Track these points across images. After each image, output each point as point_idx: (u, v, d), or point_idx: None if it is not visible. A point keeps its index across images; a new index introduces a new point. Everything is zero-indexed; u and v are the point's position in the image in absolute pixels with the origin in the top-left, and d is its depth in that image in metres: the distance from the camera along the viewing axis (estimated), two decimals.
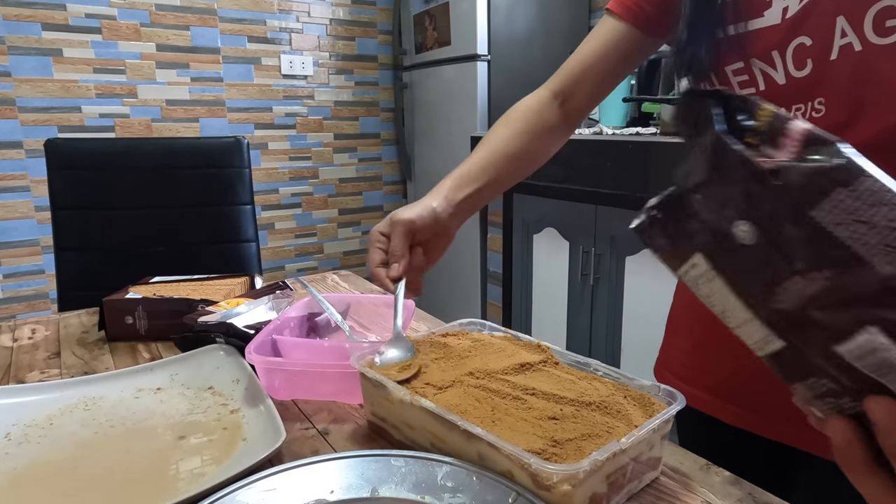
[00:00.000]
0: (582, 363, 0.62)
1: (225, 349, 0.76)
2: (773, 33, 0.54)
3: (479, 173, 0.71)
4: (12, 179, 2.30)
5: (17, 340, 0.90)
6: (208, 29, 2.56)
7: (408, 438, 0.56)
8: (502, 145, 0.73)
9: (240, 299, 0.89)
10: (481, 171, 0.71)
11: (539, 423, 0.50)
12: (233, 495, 0.46)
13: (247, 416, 0.63)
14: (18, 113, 2.27)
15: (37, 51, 2.27)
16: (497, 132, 0.75)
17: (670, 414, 0.50)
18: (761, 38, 0.55)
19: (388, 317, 0.88)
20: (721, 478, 0.53)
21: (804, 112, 0.54)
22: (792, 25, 0.52)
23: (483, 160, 0.72)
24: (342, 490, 0.48)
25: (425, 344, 0.66)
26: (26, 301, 2.39)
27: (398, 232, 0.64)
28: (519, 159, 0.74)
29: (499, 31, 2.31)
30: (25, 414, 0.64)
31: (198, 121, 2.60)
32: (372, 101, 3.02)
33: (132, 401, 0.68)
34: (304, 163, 2.90)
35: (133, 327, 0.89)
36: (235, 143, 1.47)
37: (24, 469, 0.55)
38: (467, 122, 2.40)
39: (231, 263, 1.46)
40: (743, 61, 0.57)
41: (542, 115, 0.74)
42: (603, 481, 0.46)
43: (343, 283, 1.18)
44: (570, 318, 1.94)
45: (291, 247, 2.94)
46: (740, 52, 0.57)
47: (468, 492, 0.47)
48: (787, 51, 0.53)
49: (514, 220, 2.12)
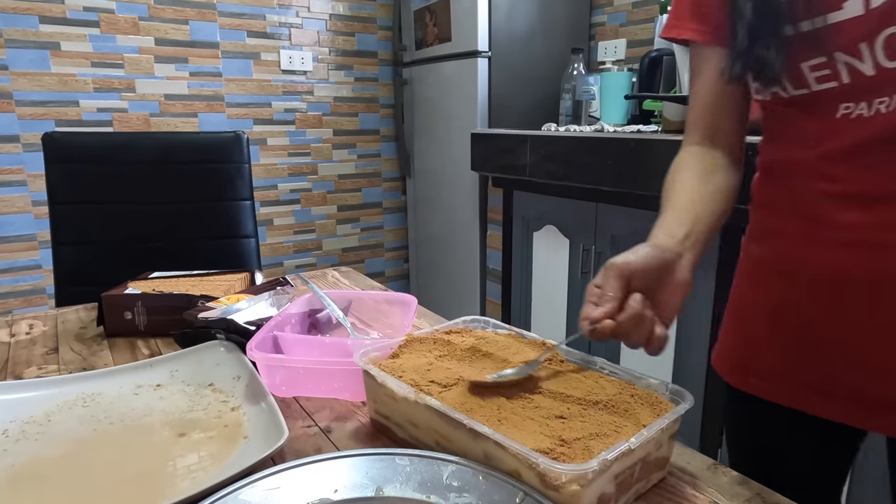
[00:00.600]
0: (588, 361, 0.62)
1: (225, 345, 0.75)
2: (858, 25, 0.53)
3: (685, 212, 0.63)
4: (9, 174, 2.28)
5: (15, 336, 0.89)
6: (207, 23, 2.54)
7: (412, 437, 0.56)
8: (688, 187, 0.66)
9: (240, 295, 0.88)
10: (686, 210, 0.63)
11: (546, 422, 0.50)
12: (235, 494, 0.45)
13: (248, 413, 0.62)
14: (15, 107, 2.25)
15: (34, 44, 2.25)
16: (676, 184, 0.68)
17: (679, 413, 0.50)
18: (845, 31, 0.53)
19: (390, 314, 0.87)
20: (729, 478, 0.52)
21: (888, 105, 0.53)
22: (882, 15, 0.51)
23: (680, 203, 0.65)
24: (346, 489, 0.47)
25: (428, 341, 0.66)
26: (23, 296, 2.38)
27: (611, 274, 0.54)
28: (711, 197, 0.66)
29: (500, 27, 2.30)
30: (23, 410, 0.64)
31: (196, 116, 2.59)
32: (371, 98, 3.01)
33: (131, 397, 0.67)
34: (303, 159, 2.88)
35: (132, 323, 0.88)
36: (235, 138, 1.46)
37: (22, 466, 0.54)
38: (467, 119, 2.39)
39: (230, 259, 1.45)
40: (825, 56, 0.55)
41: (703, 159, 0.69)
42: (611, 481, 0.45)
43: (344, 280, 1.18)
44: (570, 316, 1.94)
45: (290, 243, 2.93)
46: (820, 47, 0.55)
47: (475, 491, 0.46)
48: (877, 41, 0.52)
49: (514, 217, 2.11)
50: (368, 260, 3.18)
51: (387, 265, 3.24)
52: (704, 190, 0.66)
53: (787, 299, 0.66)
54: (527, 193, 2.03)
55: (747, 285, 0.73)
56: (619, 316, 0.52)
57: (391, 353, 0.63)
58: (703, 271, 1.47)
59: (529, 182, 1.98)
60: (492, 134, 2.11)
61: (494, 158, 2.10)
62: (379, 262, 3.21)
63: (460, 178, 2.48)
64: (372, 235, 3.16)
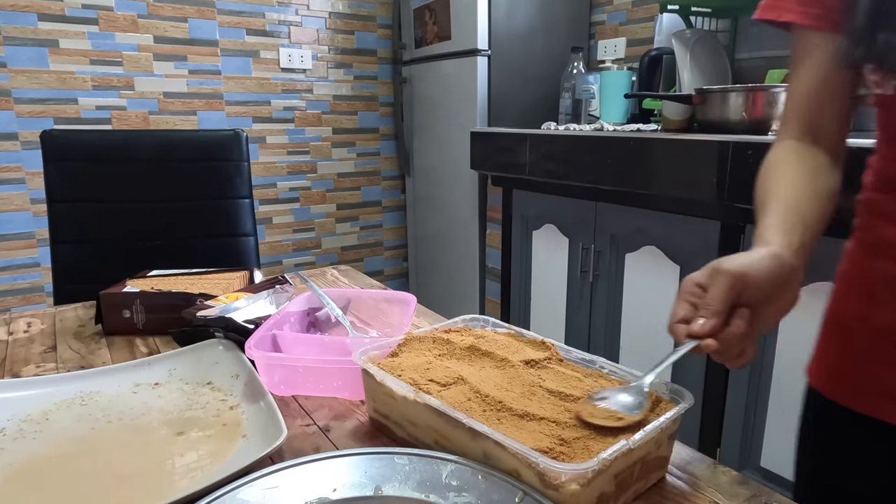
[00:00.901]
0: (587, 360, 0.62)
1: (224, 344, 0.75)
2: None
3: (795, 215, 0.55)
4: (7, 171, 2.28)
5: (13, 334, 0.89)
6: (206, 21, 2.54)
7: (411, 436, 0.55)
8: (795, 186, 0.58)
9: (239, 293, 0.88)
10: (796, 213, 0.56)
11: (545, 422, 0.49)
12: (234, 493, 0.45)
13: (246, 412, 0.62)
14: (14, 104, 2.25)
15: (33, 41, 2.24)
16: (780, 181, 0.60)
17: (679, 412, 0.49)
18: None
19: (389, 313, 0.87)
20: (728, 477, 0.52)
21: None
22: None
23: (789, 204, 0.57)
24: (345, 488, 0.47)
25: (427, 340, 0.65)
26: (21, 294, 2.37)
27: (720, 283, 0.48)
28: (818, 201, 0.58)
29: (499, 25, 2.30)
30: (21, 409, 0.63)
31: (195, 114, 2.58)
32: (371, 96, 3.01)
33: (129, 396, 0.67)
34: (303, 157, 2.88)
35: (130, 321, 0.87)
36: (234, 136, 1.46)
37: (19, 465, 0.54)
38: (467, 118, 2.39)
39: (229, 257, 1.45)
40: None
41: (804, 156, 0.61)
42: (611, 481, 0.45)
43: (343, 278, 1.17)
44: (569, 315, 1.94)
45: (289, 241, 2.92)
46: None
47: (474, 491, 0.46)
48: None
49: (514, 216, 2.11)
50: (367, 258, 3.17)
51: (386, 264, 3.24)
52: (811, 191, 0.58)
53: None
54: (526, 192, 2.03)
55: (857, 300, 0.64)
56: (723, 333, 0.47)
57: (390, 351, 0.63)
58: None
59: (529, 181, 1.98)
60: (491, 132, 2.11)
61: (494, 157, 2.10)
62: (378, 260, 3.21)
63: (460, 177, 2.48)
64: (371, 234, 3.16)
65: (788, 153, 0.62)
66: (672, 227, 1.53)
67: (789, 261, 0.50)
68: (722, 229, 1.42)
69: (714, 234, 1.43)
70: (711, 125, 1.54)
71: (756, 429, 1.41)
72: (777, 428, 1.37)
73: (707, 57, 1.84)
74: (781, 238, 0.52)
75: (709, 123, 1.56)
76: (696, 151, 1.40)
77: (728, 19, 2.00)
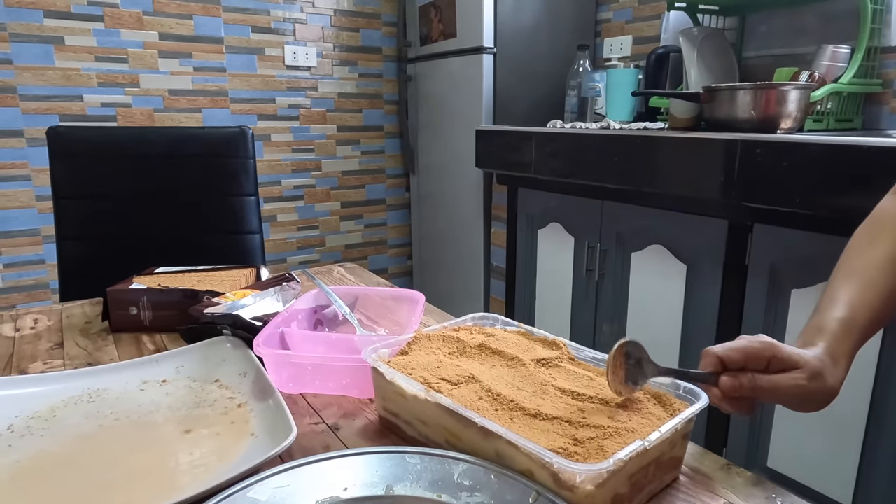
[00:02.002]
0: (598, 359, 0.61)
1: (231, 341, 0.74)
2: None
3: (866, 317, 0.54)
4: (13, 168, 2.28)
5: (20, 330, 0.89)
6: (211, 18, 2.54)
7: (421, 435, 0.55)
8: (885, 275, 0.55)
9: (246, 291, 0.88)
10: (871, 309, 0.54)
11: (558, 421, 0.49)
12: (244, 492, 0.44)
13: (254, 409, 0.62)
14: (19, 101, 2.25)
15: (38, 38, 2.24)
16: (873, 252, 0.57)
17: (694, 412, 0.49)
18: None
19: (397, 310, 0.87)
20: (743, 478, 0.51)
21: None
22: None
23: (868, 296, 0.54)
24: (356, 487, 0.47)
25: (437, 338, 0.65)
26: (27, 291, 2.38)
27: (759, 338, 0.50)
28: None
29: (505, 23, 2.29)
30: (28, 406, 0.63)
31: (200, 111, 2.58)
32: (376, 94, 3.00)
33: (137, 393, 0.67)
34: (307, 155, 2.87)
35: (137, 318, 0.87)
36: (240, 133, 1.45)
37: (27, 462, 0.53)
38: (472, 116, 2.38)
39: (235, 255, 1.44)
40: None
41: None
42: (626, 481, 0.44)
43: (349, 276, 1.17)
44: (575, 313, 1.93)
45: (293, 239, 2.92)
46: None
47: (487, 491, 0.45)
48: None
49: (519, 214, 2.11)
50: (372, 256, 3.17)
51: (390, 262, 3.24)
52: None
53: None
54: (531, 190, 2.02)
55: None
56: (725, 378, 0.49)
57: (400, 350, 0.63)
58: (707, 272, 1.46)
59: (534, 179, 1.97)
60: (496, 131, 2.10)
61: (499, 155, 2.09)
62: (382, 258, 3.20)
63: (464, 175, 2.47)
64: (375, 232, 3.15)
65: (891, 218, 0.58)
66: (679, 226, 1.52)
67: (831, 385, 0.50)
68: (729, 228, 1.41)
69: (721, 233, 1.42)
70: (719, 123, 1.53)
71: (763, 429, 1.40)
72: (784, 429, 1.36)
73: (714, 55, 1.83)
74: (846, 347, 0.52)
75: (716, 121, 1.55)
76: (704, 150, 1.40)
77: (735, 17, 1.98)
